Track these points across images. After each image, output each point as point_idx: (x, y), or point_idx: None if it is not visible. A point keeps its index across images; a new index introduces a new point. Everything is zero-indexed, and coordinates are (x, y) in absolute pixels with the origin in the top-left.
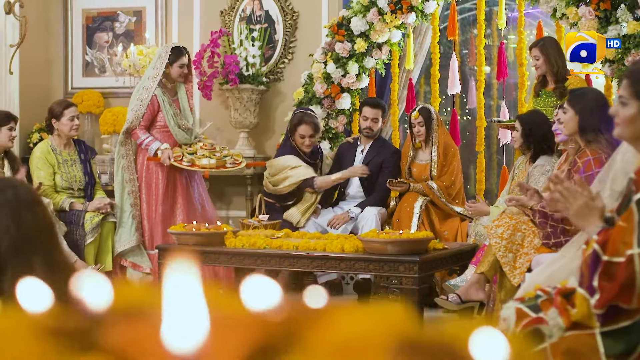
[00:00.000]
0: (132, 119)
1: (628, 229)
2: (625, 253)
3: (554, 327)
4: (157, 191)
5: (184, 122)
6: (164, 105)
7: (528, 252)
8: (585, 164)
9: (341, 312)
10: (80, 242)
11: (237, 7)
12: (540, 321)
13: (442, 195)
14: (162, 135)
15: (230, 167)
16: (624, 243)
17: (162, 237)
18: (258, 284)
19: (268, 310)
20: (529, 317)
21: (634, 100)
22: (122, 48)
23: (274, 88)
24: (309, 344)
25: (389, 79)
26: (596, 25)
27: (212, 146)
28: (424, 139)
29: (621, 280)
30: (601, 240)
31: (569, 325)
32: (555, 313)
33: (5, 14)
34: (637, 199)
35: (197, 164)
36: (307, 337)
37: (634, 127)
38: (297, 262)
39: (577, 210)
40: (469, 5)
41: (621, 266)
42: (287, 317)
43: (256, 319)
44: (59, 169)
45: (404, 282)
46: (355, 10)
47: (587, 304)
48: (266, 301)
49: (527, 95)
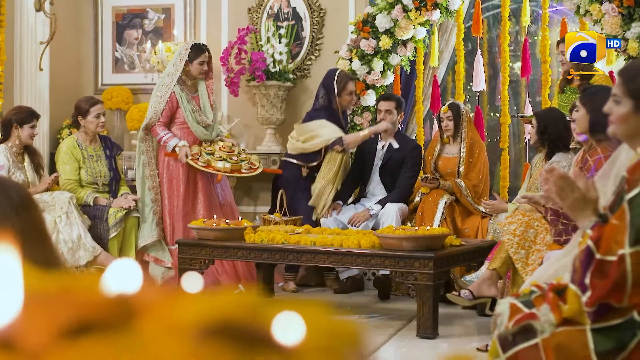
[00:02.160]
0: (151, 116)
1: (620, 228)
2: (617, 252)
3: (545, 323)
4: (178, 187)
5: (203, 118)
6: (182, 102)
7: (540, 249)
8: (597, 162)
9: (181, 297)
10: (104, 236)
11: (265, 5)
12: (533, 317)
13: (469, 194)
14: (181, 131)
15: (245, 173)
16: (616, 242)
17: (183, 233)
18: (120, 267)
19: (106, 291)
20: (522, 313)
21: (627, 98)
22: (151, 45)
23: (300, 84)
24: (137, 324)
25: (414, 76)
26: (619, 22)
27: (231, 148)
28: (452, 134)
29: (613, 279)
30: (595, 237)
31: (560, 321)
32: (547, 309)
33: (35, 11)
34: (629, 198)
35: (212, 166)
36: (137, 318)
37: (627, 125)
38: (314, 257)
39: (572, 203)
40: (497, 1)
41: (613, 265)
42: (120, 297)
43: (80, 296)
44: (84, 164)
45: (419, 278)
46: (380, 7)
47: (579, 300)
48: (124, 283)
49: (551, 92)
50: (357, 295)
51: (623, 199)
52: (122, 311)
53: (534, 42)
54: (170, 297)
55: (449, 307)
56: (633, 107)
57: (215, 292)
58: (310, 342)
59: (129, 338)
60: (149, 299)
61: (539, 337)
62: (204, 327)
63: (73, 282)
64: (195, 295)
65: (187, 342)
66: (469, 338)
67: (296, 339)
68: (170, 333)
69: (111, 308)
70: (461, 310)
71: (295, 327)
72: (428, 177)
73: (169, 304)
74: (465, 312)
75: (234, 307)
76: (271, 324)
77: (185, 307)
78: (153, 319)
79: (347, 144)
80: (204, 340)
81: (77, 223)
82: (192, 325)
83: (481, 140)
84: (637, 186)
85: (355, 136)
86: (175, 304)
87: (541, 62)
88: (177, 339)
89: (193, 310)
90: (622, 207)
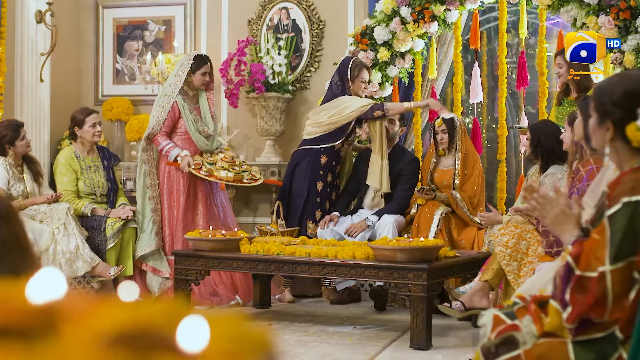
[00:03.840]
0: (154, 125)
1: (600, 244)
2: (598, 269)
3: (527, 334)
4: (179, 198)
5: (205, 129)
6: (184, 112)
7: (532, 260)
8: (589, 173)
9: (101, 305)
10: (102, 246)
11: (265, 16)
12: (515, 328)
13: (465, 205)
14: (183, 141)
15: (247, 183)
16: (596, 258)
17: (182, 243)
18: (45, 277)
19: (31, 299)
20: (504, 324)
21: (594, 112)
22: (152, 56)
23: (300, 96)
24: (58, 332)
25: (412, 87)
26: (616, 34)
27: (233, 159)
28: (447, 147)
29: (594, 295)
30: (574, 253)
31: (542, 334)
32: (529, 320)
33: (36, 23)
34: (609, 215)
35: (214, 175)
36: (58, 326)
37: (595, 137)
38: (309, 268)
39: (554, 218)
40: (495, 14)
41: (593, 281)
42: (47, 306)
43: (4, 305)
44: (82, 175)
45: (413, 290)
46: (379, 20)
47: (560, 316)
48: (49, 293)
49: (548, 104)
50: (353, 307)
51: (603, 215)
52: (43, 319)
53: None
54: (90, 305)
55: (444, 318)
56: (597, 120)
57: (137, 302)
58: (215, 347)
59: (47, 345)
60: (71, 307)
61: (521, 349)
62: (117, 334)
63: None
64: (115, 304)
65: (101, 349)
66: (463, 349)
67: (200, 344)
68: (87, 341)
69: (32, 316)
70: (456, 322)
71: (200, 333)
72: (424, 188)
73: (89, 313)
74: (460, 324)
75: (149, 315)
76: (176, 330)
77: (103, 315)
78: (73, 327)
79: (388, 109)
80: (115, 348)
81: (74, 234)
82: (107, 333)
83: (476, 151)
84: (617, 202)
85: (399, 104)
86: (95, 312)
87: (538, 75)
88: (93, 347)
89: (110, 319)
90: (602, 222)
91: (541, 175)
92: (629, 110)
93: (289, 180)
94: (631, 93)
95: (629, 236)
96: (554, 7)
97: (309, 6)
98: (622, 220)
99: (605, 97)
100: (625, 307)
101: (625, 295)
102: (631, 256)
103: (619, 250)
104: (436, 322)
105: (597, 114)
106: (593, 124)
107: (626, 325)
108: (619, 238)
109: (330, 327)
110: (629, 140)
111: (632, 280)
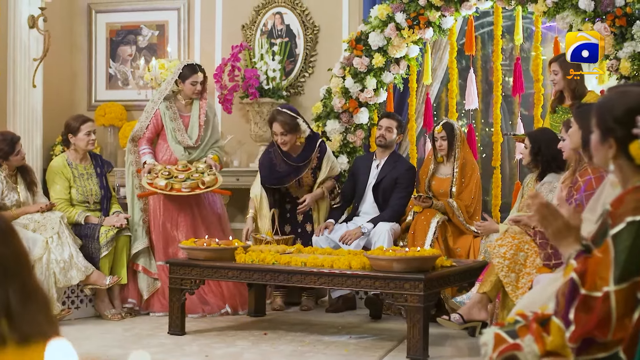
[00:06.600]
0: (137, 129)
1: (605, 264)
2: (603, 289)
3: (529, 354)
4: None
5: (185, 139)
6: (165, 120)
7: (530, 272)
8: (587, 183)
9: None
10: (95, 255)
11: (259, 22)
12: (517, 347)
13: (462, 214)
14: (165, 148)
15: (185, 192)
16: (600, 278)
17: (163, 251)
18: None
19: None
20: (506, 343)
21: (596, 128)
22: (145, 61)
23: (294, 102)
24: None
25: (407, 93)
26: (612, 41)
27: (187, 167)
28: (445, 154)
29: (598, 315)
30: (579, 269)
31: (544, 353)
32: (531, 340)
33: (28, 28)
34: (613, 234)
35: (156, 187)
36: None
37: (597, 153)
38: (304, 278)
39: (555, 231)
40: (489, 19)
41: (598, 301)
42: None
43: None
44: (75, 182)
45: (410, 300)
46: (374, 26)
47: (562, 334)
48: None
49: (543, 111)
50: (348, 315)
51: (607, 234)
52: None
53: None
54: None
55: (441, 327)
56: (600, 137)
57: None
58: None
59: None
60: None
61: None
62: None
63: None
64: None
65: None
66: (460, 359)
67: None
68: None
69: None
70: (452, 331)
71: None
72: (422, 195)
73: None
74: (456, 333)
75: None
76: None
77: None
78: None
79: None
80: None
81: (68, 243)
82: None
83: (474, 160)
84: (621, 221)
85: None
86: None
87: (534, 81)
88: None
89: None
90: (607, 242)
91: (538, 184)
92: (631, 128)
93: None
94: (634, 110)
95: (634, 256)
96: (549, 14)
97: (303, 11)
98: (626, 240)
99: (607, 114)
100: (628, 327)
101: (629, 315)
102: (635, 276)
103: (623, 271)
104: (432, 331)
105: (599, 131)
106: (595, 141)
107: (629, 346)
108: (624, 258)
109: (326, 336)
110: (632, 157)
111: (636, 300)
